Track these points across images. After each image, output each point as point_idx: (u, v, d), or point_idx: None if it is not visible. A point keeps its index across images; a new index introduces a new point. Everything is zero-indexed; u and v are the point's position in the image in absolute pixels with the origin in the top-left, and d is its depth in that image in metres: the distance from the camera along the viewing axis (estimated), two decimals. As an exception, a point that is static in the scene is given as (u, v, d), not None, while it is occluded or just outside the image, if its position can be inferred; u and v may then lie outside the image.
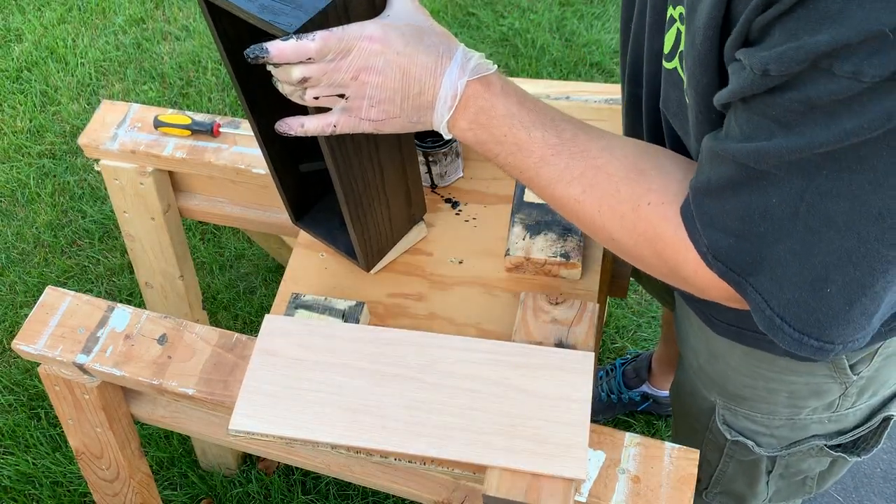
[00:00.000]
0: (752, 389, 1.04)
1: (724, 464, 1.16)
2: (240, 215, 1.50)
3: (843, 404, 1.02)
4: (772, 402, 1.04)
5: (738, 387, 1.05)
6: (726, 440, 1.12)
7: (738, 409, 1.08)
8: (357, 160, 0.96)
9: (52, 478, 1.86)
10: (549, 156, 0.77)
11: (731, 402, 1.08)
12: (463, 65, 0.77)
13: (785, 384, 1.01)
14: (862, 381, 0.99)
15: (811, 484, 1.19)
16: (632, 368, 1.96)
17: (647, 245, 0.75)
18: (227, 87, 2.66)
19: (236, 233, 2.32)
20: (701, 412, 1.14)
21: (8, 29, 2.89)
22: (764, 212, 0.65)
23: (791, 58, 0.55)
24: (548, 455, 0.90)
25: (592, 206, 0.77)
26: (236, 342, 1.12)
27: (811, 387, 1.00)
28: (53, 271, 2.25)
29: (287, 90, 0.79)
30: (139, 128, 1.43)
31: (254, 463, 1.88)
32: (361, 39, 0.74)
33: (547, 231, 1.13)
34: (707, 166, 0.69)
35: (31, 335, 1.15)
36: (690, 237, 0.71)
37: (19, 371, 2.03)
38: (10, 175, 2.46)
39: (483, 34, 2.81)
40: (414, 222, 1.16)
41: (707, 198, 0.69)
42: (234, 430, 0.96)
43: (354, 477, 1.18)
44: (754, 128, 0.62)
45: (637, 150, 0.78)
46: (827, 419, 1.05)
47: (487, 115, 0.77)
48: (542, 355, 0.97)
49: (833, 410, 1.04)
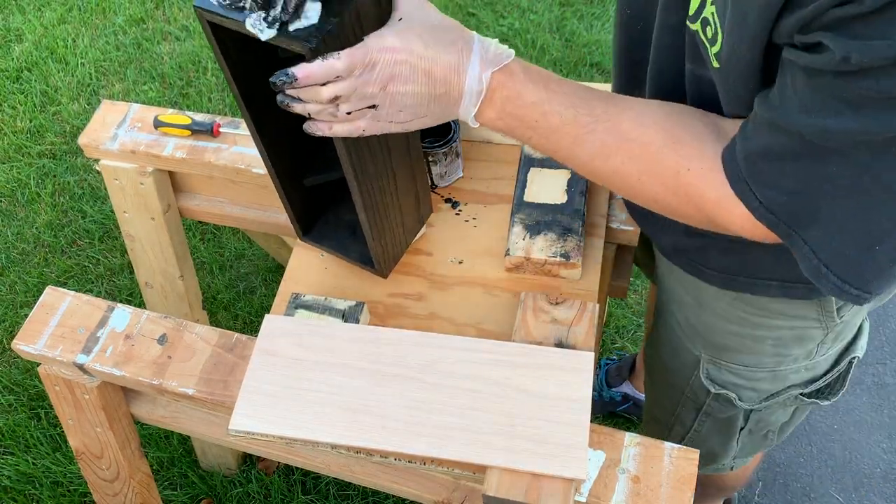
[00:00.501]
0: (738, 338, 1.06)
1: (700, 423, 1.19)
2: (240, 215, 1.50)
3: (820, 351, 1.07)
4: (757, 351, 1.06)
5: (725, 336, 1.07)
6: (707, 395, 1.14)
7: (723, 361, 1.10)
8: (373, 167, 0.95)
9: (52, 478, 1.86)
10: (583, 135, 0.80)
11: (716, 354, 1.10)
12: (483, 56, 0.78)
13: (771, 330, 1.04)
14: (840, 325, 1.03)
15: (772, 437, 1.23)
16: (615, 368, 1.98)
17: (690, 204, 0.79)
18: (227, 87, 2.66)
19: (236, 233, 2.32)
20: (683, 367, 1.15)
21: (8, 29, 2.89)
22: (825, 177, 0.68)
23: (879, 54, 0.58)
24: (548, 455, 0.90)
25: (633, 175, 0.80)
26: (236, 342, 1.12)
27: (796, 332, 1.03)
28: (53, 271, 2.25)
29: (315, 109, 0.79)
30: (139, 128, 1.43)
31: (254, 463, 1.88)
32: (384, 51, 0.75)
33: (547, 231, 1.13)
34: (765, 134, 0.71)
35: (31, 335, 1.15)
36: (740, 196, 0.74)
37: (19, 371, 2.04)
38: (10, 175, 2.46)
39: (483, 34, 2.80)
40: (422, 223, 1.16)
41: (764, 162, 0.71)
42: (234, 430, 0.96)
43: (354, 477, 1.18)
44: (819, 104, 0.64)
45: (667, 116, 0.80)
46: (804, 367, 1.09)
47: (514, 103, 0.79)
48: (542, 355, 0.97)
49: (810, 358, 1.07)
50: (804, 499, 1.87)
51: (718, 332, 1.08)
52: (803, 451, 1.93)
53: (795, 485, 1.89)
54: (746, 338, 1.06)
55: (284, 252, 1.97)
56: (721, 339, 1.09)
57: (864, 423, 1.98)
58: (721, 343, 1.09)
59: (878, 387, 2.03)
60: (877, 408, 2.00)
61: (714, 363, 1.11)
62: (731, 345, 1.08)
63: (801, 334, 1.04)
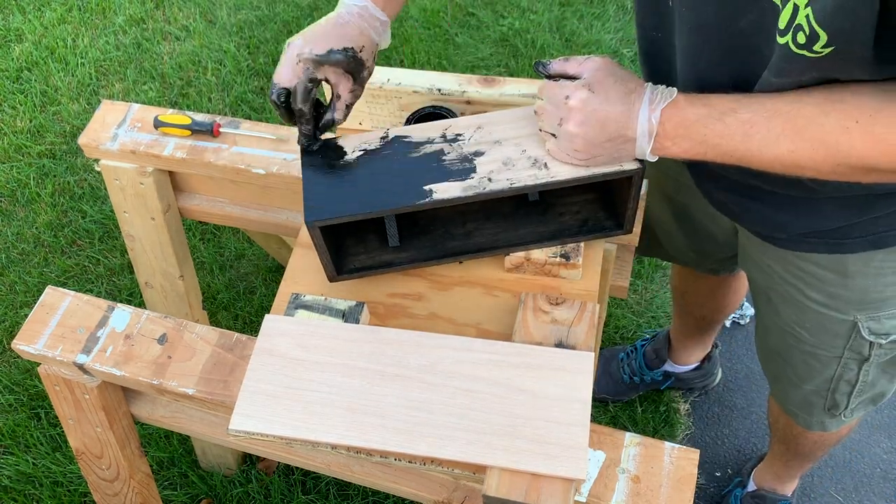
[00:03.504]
0: (894, 288, 1.10)
1: (865, 373, 1.24)
2: (240, 215, 1.51)
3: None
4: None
5: (883, 289, 1.11)
6: (871, 347, 1.18)
7: (881, 313, 1.14)
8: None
9: (52, 478, 1.86)
10: (748, 130, 0.86)
11: (875, 310, 1.14)
12: (651, 100, 0.90)
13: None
14: None
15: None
16: (651, 349, 1.98)
17: (873, 154, 0.82)
18: (227, 87, 2.66)
19: (236, 233, 2.32)
20: (835, 337, 1.19)
21: (8, 29, 2.89)
22: None
23: None
24: (548, 455, 0.90)
25: (806, 150, 0.85)
26: (236, 342, 1.12)
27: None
28: (53, 271, 2.25)
29: (540, 108, 0.99)
30: (139, 128, 1.43)
31: (254, 463, 1.88)
32: (568, 97, 0.93)
33: (547, 231, 1.13)
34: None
35: (31, 335, 1.15)
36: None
37: (19, 371, 2.04)
38: (10, 175, 2.46)
39: (483, 34, 2.81)
40: None
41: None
42: (234, 430, 0.96)
43: (354, 477, 1.18)
44: None
45: (820, 89, 0.84)
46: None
47: (683, 126, 0.90)
48: (542, 355, 0.98)
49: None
50: (804, 499, 1.87)
51: (874, 290, 1.11)
52: (803, 451, 1.93)
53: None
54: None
55: (284, 252, 1.97)
56: (879, 295, 1.12)
57: (864, 423, 1.98)
58: (878, 298, 1.12)
59: (878, 387, 2.04)
60: (877, 408, 2.00)
61: (873, 318, 1.15)
62: (889, 294, 1.11)
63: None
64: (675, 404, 2.01)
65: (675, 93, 0.91)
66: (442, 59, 2.72)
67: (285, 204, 1.46)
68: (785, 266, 1.17)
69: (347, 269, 1.11)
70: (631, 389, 2.00)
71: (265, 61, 2.73)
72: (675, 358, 1.97)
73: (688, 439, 1.97)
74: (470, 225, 1.14)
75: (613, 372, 2.00)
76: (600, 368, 2.01)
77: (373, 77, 1.28)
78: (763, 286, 1.26)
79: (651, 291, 2.21)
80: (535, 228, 1.12)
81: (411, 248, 1.12)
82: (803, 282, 1.16)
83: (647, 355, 1.99)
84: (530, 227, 1.12)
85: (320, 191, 1.04)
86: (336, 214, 1.01)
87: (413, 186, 1.03)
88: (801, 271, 1.15)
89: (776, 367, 1.38)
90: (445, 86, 1.27)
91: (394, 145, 1.09)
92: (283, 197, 1.44)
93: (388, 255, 1.12)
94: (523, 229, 1.12)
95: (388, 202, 1.02)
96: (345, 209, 1.01)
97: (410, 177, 1.04)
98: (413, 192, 1.02)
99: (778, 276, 1.19)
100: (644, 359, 1.99)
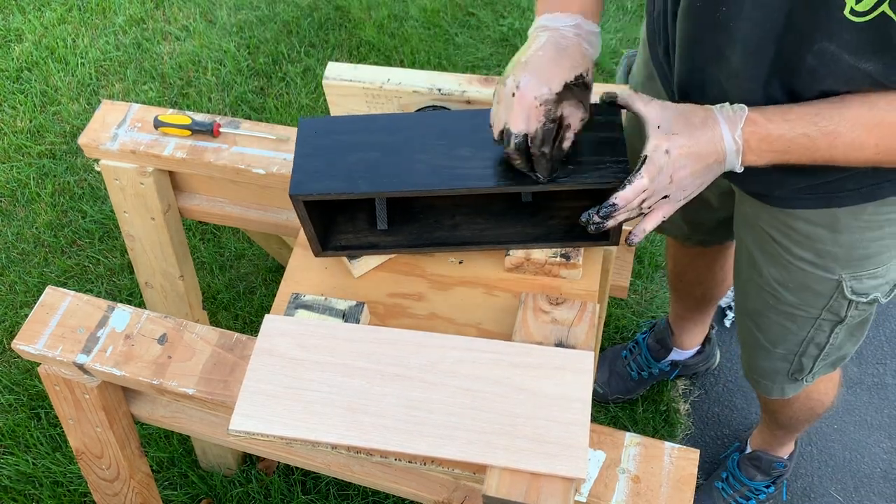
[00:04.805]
0: (880, 242, 1.13)
1: (836, 335, 1.27)
2: (240, 215, 1.51)
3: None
4: (894, 247, 1.15)
5: (867, 245, 1.14)
6: (849, 307, 1.22)
7: (865, 271, 1.17)
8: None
9: (52, 478, 1.86)
10: (833, 141, 0.93)
11: (858, 268, 1.17)
12: (728, 120, 0.95)
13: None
14: None
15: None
16: (654, 340, 1.98)
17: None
18: (227, 86, 2.66)
19: (236, 233, 2.32)
20: (817, 297, 1.22)
21: (8, 29, 2.89)
22: None
23: None
24: (548, 455, 0.90)
25: (892, 150, 0.92)
26: (236, 342, 1.12)
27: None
28: (53, 271, 2.25)
29: (624, 217, 0.99)
30: (139, 128, 1.43)
31: (254, 463, 1.88)
32: (664, 155, 0.95)
33: (547, 231, 1.13)
34: None
35: (31, 335, 1.15)
36: None
37: (19, 371, 2.04)
38: (10, 175, 2.46)
39: (483, 34, 2.81)
40: None
41: None
42: (234, 430, 0.96)
43: (354, 477, 1.18)
44: None
45: (879, 95, 0.90)
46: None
47: (766, 141, 0.95)
48: (542, 355, 0.98)
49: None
50: (804, 499, 1.87)
51: (860, 246, 1.14)
52: (803, 451, 1.93)
53: (795, 485, 1.89)
54: (887, 237, 1.13)
55: (284, 252, 1.97)
56: (863, 251, 1.14)
57: (864, 423, 1.98)
58: (864, 254, 1.15)
59: (878, 387, 2.04)
60: (877, 408, 2.00)
61: (856, 277, 1.17)
62: (873, 251, 1.14)
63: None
64: (675, 404, 2.01)
65: (745, 108, 0.96)
66: (442, 59, 2.72)
67: (285, 204, 1.46)
68: (776, 226, 1.18)
69: (332, 246, 1.14)
70: (640, 385, 2.00)
71: (265, 61, 2.73)
72: (679, 343, 1.97)
73: (688, 439, 1.97)
74: (459, 218, 1.14)
75: (620, 370, 2.00)
76: (607, 370, 2.00)
77: (373, 77, 1.28)
78: (751, 247, 1.26)
79: (651, 291, 2.21)
80: (522, 229, 1.12)
81: (398, 233, 1.14)
82: (792, 240, 1.17)
83: (650, 347, 1.98)
84: (518, 228, 1.13)
85: (310, 165, 1.06)
86: (319, 191, 1.03)
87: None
88: (791, 230, 1.16)
89: (747, 334, 1.40)
90: (445, 86, 1.27)
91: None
92: (283, 197, 1.44)
93: (375, 238, 1.14)
94: (511, 228, 1.13)
95: (374, 185, 1.04)
96: (329, 187, 1.03)
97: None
98: (400, 178, 1.04)
99: (769, 235, 1.20)
100: (649, 351, 1.99)
